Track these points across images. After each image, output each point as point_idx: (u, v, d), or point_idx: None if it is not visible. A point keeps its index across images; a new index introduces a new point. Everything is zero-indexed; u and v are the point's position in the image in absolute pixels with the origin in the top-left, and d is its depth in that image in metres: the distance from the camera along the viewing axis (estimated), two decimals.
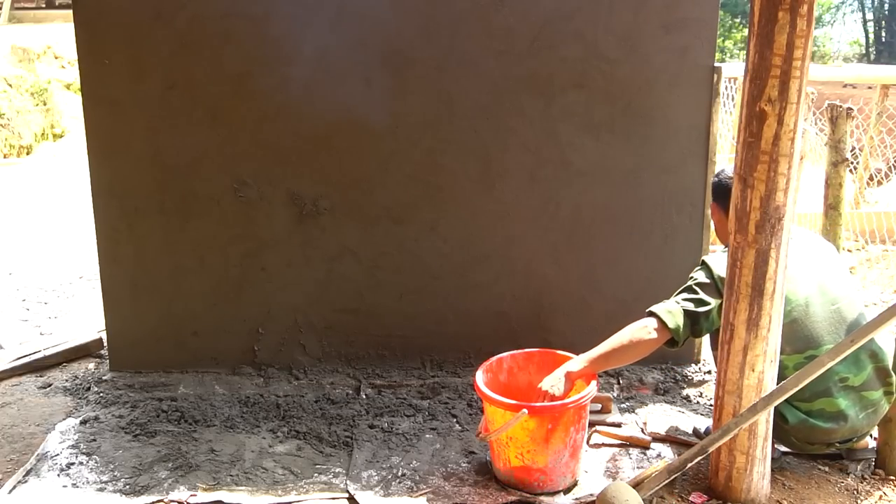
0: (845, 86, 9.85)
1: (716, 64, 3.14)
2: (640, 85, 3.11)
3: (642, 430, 2.82)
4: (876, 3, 21.61)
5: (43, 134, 10.80)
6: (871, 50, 21.44)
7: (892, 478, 2.52)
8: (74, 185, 7.57)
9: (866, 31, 22.01)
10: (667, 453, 2.68)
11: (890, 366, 2.47)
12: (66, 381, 3.30)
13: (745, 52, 2.21)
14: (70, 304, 4.35)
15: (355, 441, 2.75)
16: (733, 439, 2.28)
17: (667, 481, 2.32)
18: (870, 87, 8.12)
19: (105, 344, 3.54)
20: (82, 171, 3.77)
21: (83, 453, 2.66)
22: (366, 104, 3.11)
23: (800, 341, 2.42)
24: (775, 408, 2.29)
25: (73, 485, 2.49)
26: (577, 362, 2.49)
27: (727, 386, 2.30)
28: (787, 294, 2.40)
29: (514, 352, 2.74)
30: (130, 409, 2.97)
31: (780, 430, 2.44)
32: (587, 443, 2.66)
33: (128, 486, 2.47)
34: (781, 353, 2.36)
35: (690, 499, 2.40)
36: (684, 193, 3.21)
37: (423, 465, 2.61)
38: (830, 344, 2.37)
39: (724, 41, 19.43)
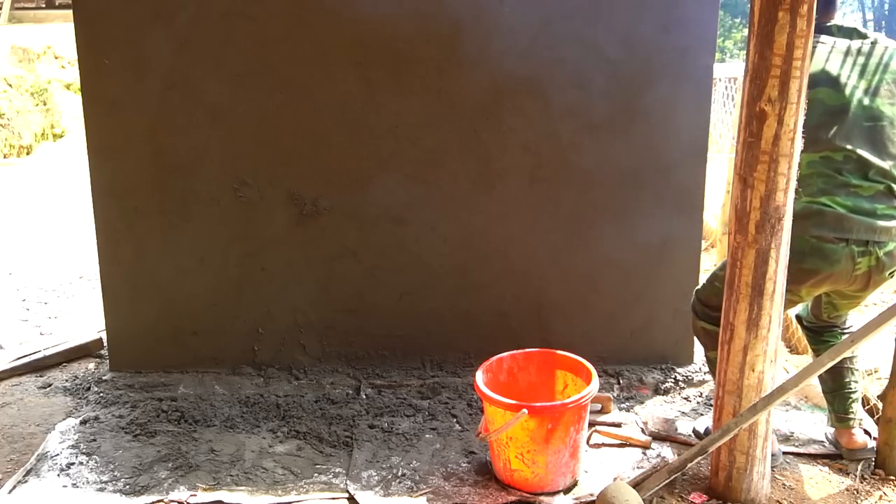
0: None
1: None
2: (640, 85, 3.11)
3: (642, 430, 2.82)
4: (876, 3, 21.59)
5: (43, 134, 10.78)
6: None
7: (892, 478, 2.52)
8: (74, 185, 7.56)
9: None
10: (667, 453, 2.68)
11: None
12: (66, 381, 3.30)
13: (745, 52, 2.21)
14: (70, 304, 4.35)
15: (355, 441, 2.75)
16: (733, 439, 2.29)
17: (667, 481, 2.32)
18: None
19: (105, 344, 3.54)
20: (82, 171, 3.77)
21: (83, 453, 2.66)
22: (366, 104, 3.11)
23: (821, 142, 2.31)
24: None
25: (73, 485, 2.49)
26: None
27: (727, 386, 2.30)
28: (824, 95, 2.32)
29: (514, 352, 2.74)
30: (130, 409, 2.97)
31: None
32: (587, 443, 2.67)
33: (128, 486, 2.47)
34: (802, 151, 2.23)
35: (690, 499, 2.40)
36: (684, 193, 3.21)
37: (423, 465, 2.61)
38: (853, 149, 2.27)
39: (724, 41, 19.41)
